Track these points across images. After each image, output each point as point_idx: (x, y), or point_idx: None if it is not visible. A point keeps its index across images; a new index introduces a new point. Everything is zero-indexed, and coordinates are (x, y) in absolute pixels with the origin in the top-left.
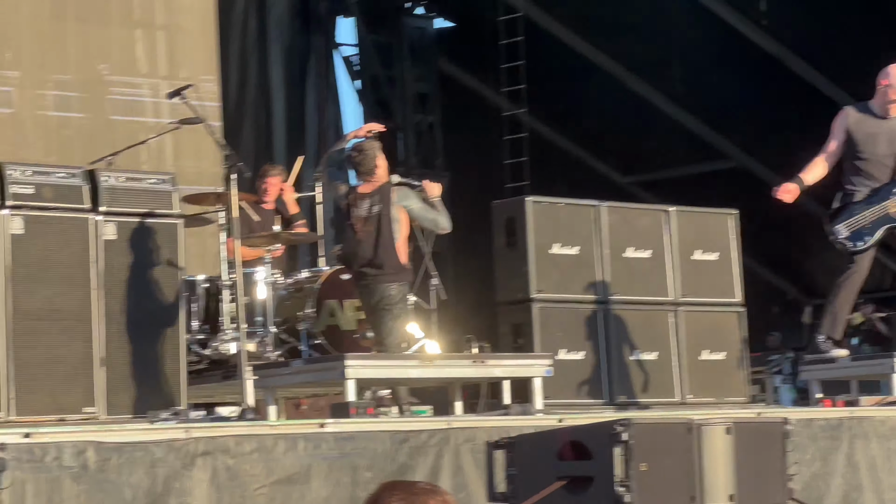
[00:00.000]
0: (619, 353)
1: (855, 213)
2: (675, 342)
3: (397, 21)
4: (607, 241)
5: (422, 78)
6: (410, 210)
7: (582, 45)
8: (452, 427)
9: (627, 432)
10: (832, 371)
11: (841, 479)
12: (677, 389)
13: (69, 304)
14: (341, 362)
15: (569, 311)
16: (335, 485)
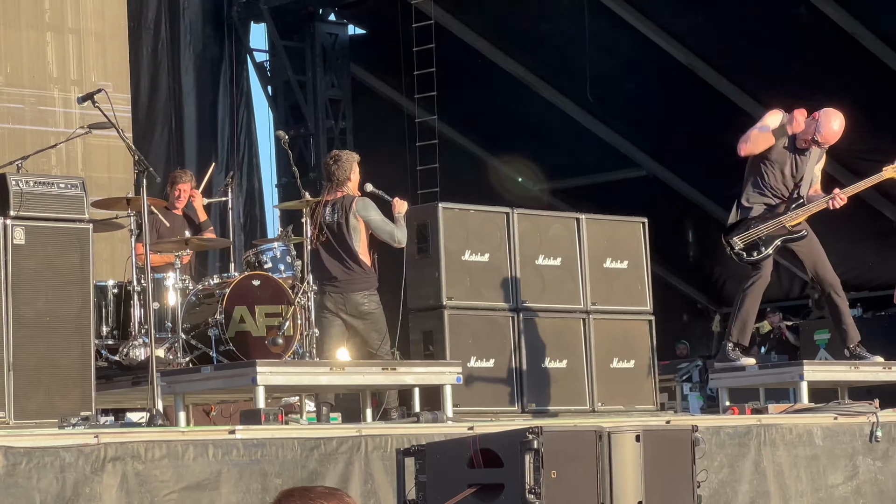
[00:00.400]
0: (530, 361)
1: (751, 226)
2: (585, 350)
3: (310, 27)
4: (518, 248)
5: (334, 84)
6: (368, 221)
7: (495, 53)
8: (363, 434)
9: (538, 440)
10: (740, 379)
11: (748, 485)
12: (588, 397)
13: None
14: (252, 368)
15: (480, 319)
16: (245, 491)
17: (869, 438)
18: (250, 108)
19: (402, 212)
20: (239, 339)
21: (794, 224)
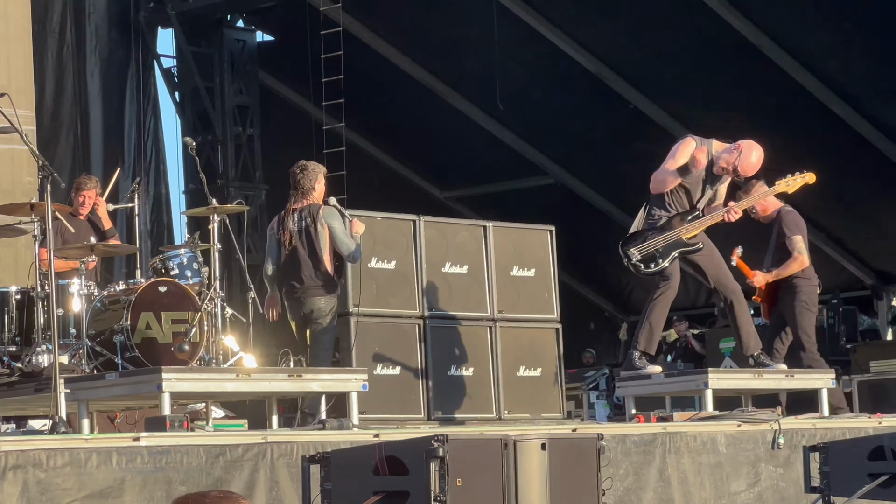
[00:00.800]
0: (436, 369)
1: (649, 238)
2: (492, 358)
3: (217, 33)
4: (425, 255)
5: (242, 91)
6: (332, 229)
7: (403, 61)
8: (268, 441)
9: (443, 448)
10: (646, 387)
11: (653, 493)
12: (494, 405)
13: None
14: (157, 375)
15: (386, 326)
16: (149, 499)
17: (771, 445)
18: (157, 114)
19: (358, 232)
20: (145, 345)
21: (690, 236)
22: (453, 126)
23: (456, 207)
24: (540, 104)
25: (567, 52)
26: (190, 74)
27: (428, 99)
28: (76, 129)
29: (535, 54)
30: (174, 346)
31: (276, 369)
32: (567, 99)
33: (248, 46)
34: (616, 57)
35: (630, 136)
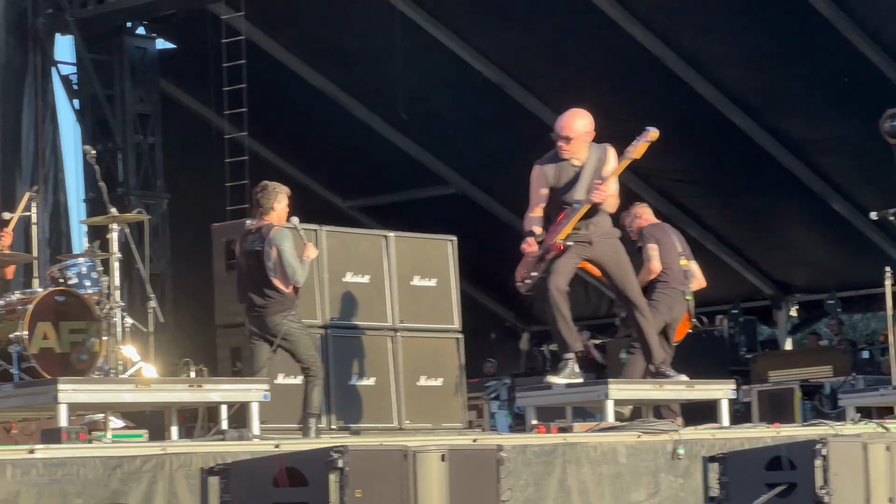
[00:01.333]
0: (337, 379)
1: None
2: (393, 368)
3: (118, 41)
4: (326, 265)
5: (142, 99)
6: (281, 250)
7: (305, 70)
8: (167, 452)
9: (343, 459)
10: (547, 398)
11: (554, 501)
12: (395, 415)
13: None
14: (54, 386)
15: None
16: None
17: (671, 456)
18: (56, 121)
19: (310, 256)
20: (42, 355)
21: (563, 238)
22: (356, 136)
23: (358, 217)
24: (441, 114)
25: (468, 61)
26: (90, 82)
27: (330, 108)
28: None
29: (436, 64)
30: (72, 357)
31: (175, 379)
32: (468, 108)
33: (149, 54)
34: (517, 67)
35: (531, 145)
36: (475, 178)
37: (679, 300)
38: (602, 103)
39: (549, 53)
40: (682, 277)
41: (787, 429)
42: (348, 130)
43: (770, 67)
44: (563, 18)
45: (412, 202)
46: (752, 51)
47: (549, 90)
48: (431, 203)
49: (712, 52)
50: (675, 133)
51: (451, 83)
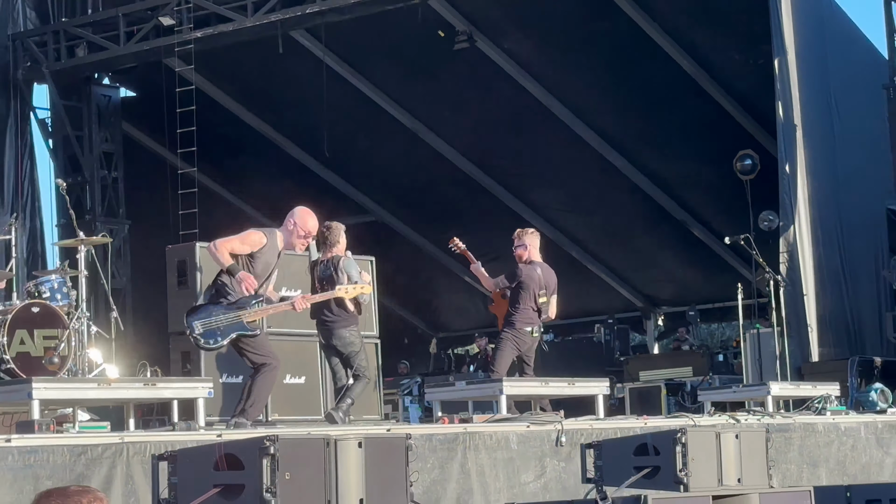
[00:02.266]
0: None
1: (213, 314)
2: (320, 368)
3: (86, 89)
4: None
5: (107, 139)
6: (349, 276)
7: (246, 115)
8: (125, 441)
9: (274, 446)
10: (451, 393)
11: (455, 484)
12: (322, 407)
13: None
14: (28, 384)
15: None
16: (18, 493)
17: (555, 443)
18: (33, 158)
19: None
20: (19, 358)
21: (251, 321)
22: (289, 170)
23: None
24: (362, 152)
25: (387, 110)
26: (62, 125)
27: (268, 147)
28: None
29: (360, 110)
30: (45, 359)
31: (133, 379)
32: (386, 148)
33: (113, 101)
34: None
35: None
36: (390, 208)
37: (526, 337)
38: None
39: (455, 103)
40: (532, 317)
41: (653, 420)
42: (283, 166)
43: (642, 116)
44: (468, 72)
45: None
46: (627, 102)
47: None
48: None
49: (594, 103)
50: (562, 171)
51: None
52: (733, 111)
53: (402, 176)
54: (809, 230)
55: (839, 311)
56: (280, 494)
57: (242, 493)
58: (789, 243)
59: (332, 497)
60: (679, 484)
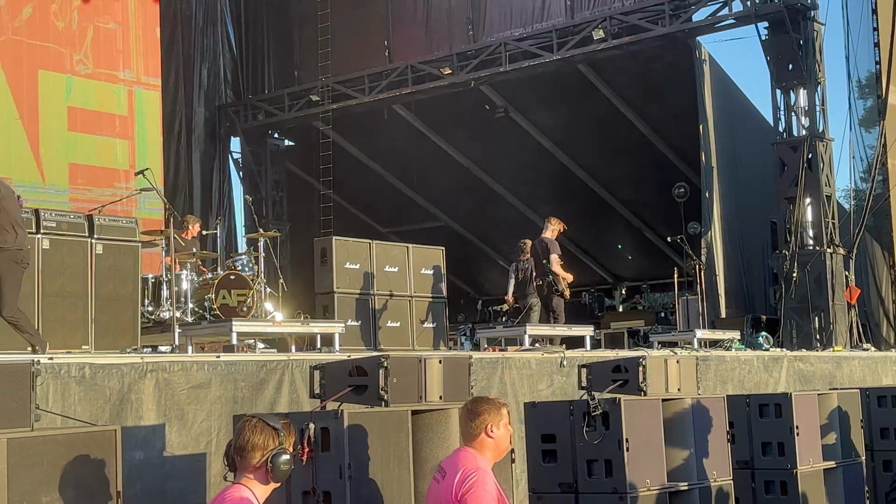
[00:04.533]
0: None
1: None
2: (409, 316)
3: (263, 140)
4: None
5: (276, 172)
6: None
7: (364, 157)
8: (290, 358)
9: (387, 361)
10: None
11: (496, 390)
12: (411, 342)
13: (76, 288)
14: (230, 323)
15: (354, 299)
16: (225, 389)
17: (560, 364)
18: (230, 183)
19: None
20: (222, 309)
21: None
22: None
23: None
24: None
25: (452, 154)
26: (248, 162)
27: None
28: (186, 190)
29: (435, 155)
30: (238, 309)
31: (293, 320)
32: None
33: (280, 148)
34: (478, 157)
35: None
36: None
37: None
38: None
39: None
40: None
41: (622, 352)
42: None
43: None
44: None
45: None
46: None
47: (495, 169)
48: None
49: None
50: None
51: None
52: (673, 157)
53: (460, 197)
54: (720, 234)
55: (739, 286)
56: (390, 392)
57: (366, 391)
58: (707, 242)
59: (423, 394)
60: (640, 391)
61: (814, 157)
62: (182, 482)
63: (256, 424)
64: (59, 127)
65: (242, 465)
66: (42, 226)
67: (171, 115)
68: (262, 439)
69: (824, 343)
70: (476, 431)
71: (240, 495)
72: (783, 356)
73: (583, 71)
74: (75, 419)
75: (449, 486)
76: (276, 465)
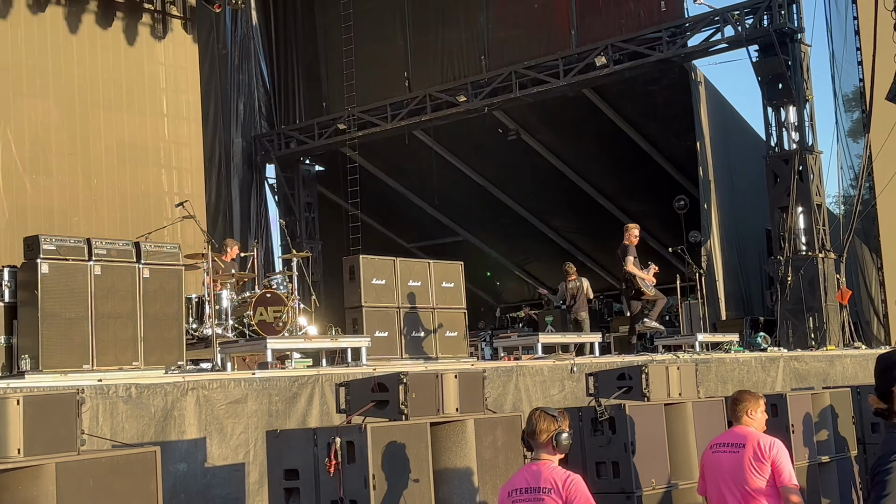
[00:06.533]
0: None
1: None
2: (433, 326)
3: (296, 166)
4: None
5: (308, 195)
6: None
7: (388, 180)
8: (320, 373)
9: (406, 378)
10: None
11: (511, 396)
12: (434, 351)
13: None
14: (264, 340)
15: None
16: (259, 403)
17: (570, 371)
18: (266, 206)
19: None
20: (260, 324)
21: None
22: (413, 211)
23: (413, 252)
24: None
25: (469, 175)
26: (283, 187)
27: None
28: (226, 214)
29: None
30: (274, 324)
31: (323, 336)
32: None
33: (312, 173)
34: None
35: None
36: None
37: None
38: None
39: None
40: None
41: (627, 357)
42: (409, 208)
43: (619, 175)
44: (515, 153)
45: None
46: (610, 167)
47: (508, 187)
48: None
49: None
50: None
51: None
52: (673, 172)
53: (478, 212)
54: (719, 242)
55: (738, 290)
56: (410, 406)
57: (388, 406)
58: (707, 250)
59: (440, 406)
60: (644, 397)
61: (804, 168)
62: (223, 490)
63: (541, 415)
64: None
65: (536, 444)
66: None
67: (211, 145)
68: (546, 424)
69: (819, 342)
70: (739, 414)
71: (553, 465)
72: (779, 356)
73: (587, 95)
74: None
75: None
76: (560, 441)
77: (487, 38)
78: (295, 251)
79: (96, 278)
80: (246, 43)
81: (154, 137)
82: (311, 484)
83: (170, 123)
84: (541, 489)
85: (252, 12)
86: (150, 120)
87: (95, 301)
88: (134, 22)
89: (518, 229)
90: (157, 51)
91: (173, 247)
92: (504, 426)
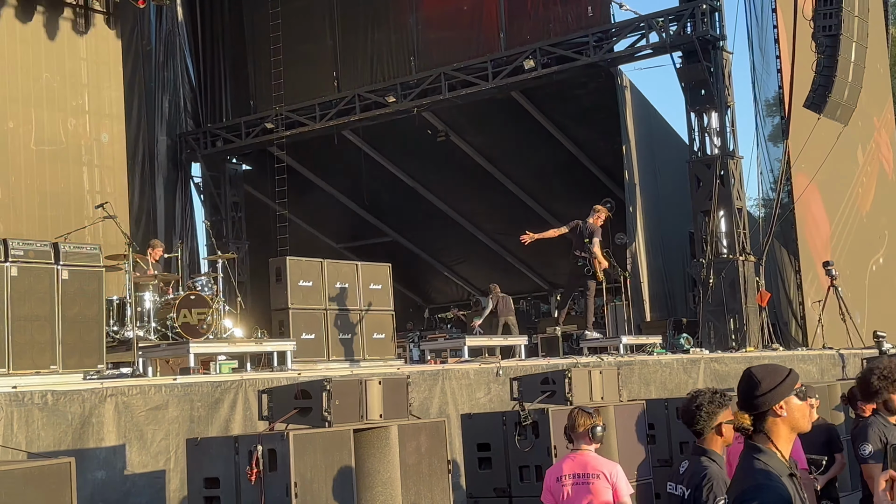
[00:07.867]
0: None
1: None
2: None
3: (222, 165)
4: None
5: (235, 194)
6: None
7: (318, 180)
8: (243, 378)
9: (329, 384)
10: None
11: (437, 400)
12: (361, 353)
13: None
14: (187, 344)
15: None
16: (181, 409)
17: (496, 374)
18: (192, 206)
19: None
20: (183, 327)
21: None
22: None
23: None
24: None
25: (398, 175)
26: (208, 186)
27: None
28: (149, 214)
29: (382, 175)
30: (198, 327)
31: (249, 339)
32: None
33: (238, 172)
34: (422, 177)
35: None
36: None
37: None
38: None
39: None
40: None
41: (553, 360)
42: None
43: (547, 177)
44: (444, 153)
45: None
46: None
47: (437, 187)
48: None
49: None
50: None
51: (388, 185)
52: (600, 175)
53: (407, 212)
54: (644, 244)
55: (661, 292)
56: (333, 413)
57: (311, 413)
58: (632, 252)
59: (364, 413)
60: (567, 401)
61: (725, 173)
62: (143, 498)
63: (579, 412)
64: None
65: (576, 437)
66: (10, 254)
67: (135, 144)
68: (583, 419)
69: (739, 342)
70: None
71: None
72: (700, 358)
73: (515, 97)
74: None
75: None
76: (595, 433)
77: (417, 39)
78: (220, 252)
79: (13, 280)
80: (171, 39)
81: (75, 135)
82: (232, 493)
83: (91, 120)
84: (590, 475)
85: (178, 8)
86: (72, 117)
87: (12, 303)
88: (55, 16)
89: (447, 230)
90: (78, 46)
91: (93, 248)
92: (428, 432)
